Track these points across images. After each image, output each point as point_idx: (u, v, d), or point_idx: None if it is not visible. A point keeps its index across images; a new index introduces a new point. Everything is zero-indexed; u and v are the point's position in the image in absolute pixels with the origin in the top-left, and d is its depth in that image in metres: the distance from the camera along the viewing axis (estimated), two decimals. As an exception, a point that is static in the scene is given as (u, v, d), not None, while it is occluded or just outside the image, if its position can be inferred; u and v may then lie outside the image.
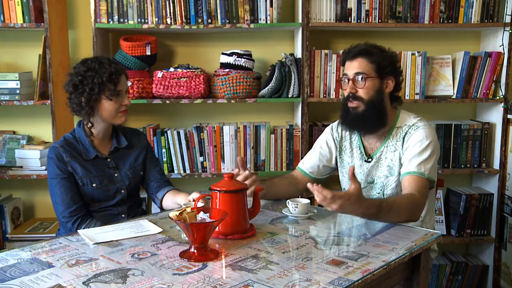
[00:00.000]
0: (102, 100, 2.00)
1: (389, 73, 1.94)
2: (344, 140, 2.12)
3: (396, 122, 2.01)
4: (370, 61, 1.92)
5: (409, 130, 1.96)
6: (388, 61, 1.94)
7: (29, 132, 3.06)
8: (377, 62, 1.92)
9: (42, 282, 1.31)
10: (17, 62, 3.02)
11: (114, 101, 2.01)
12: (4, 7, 2.69)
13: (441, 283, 3.04)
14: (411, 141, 1.93)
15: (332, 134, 2.16)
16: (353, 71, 1.93)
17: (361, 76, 1.91)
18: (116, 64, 2.04)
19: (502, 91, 2.86)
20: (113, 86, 1.99)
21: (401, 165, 1.95)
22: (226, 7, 2.74)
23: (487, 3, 2.80)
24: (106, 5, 2.73)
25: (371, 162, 2.02)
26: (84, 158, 2.04)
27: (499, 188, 2.93)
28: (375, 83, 1.93)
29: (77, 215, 1.99)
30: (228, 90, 2.77)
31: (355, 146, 2.09)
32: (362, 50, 1.93)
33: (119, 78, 2.01)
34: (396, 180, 1.97)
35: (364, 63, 1.92)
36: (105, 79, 1.96)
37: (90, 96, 1.97)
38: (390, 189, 2.00)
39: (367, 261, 1.44)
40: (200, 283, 1.29)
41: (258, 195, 1.77)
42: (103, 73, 1.97)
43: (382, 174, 2.01)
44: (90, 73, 1.97)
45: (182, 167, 2.87)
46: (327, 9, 2.77)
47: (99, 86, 1.96)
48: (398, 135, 1.99)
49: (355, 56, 1.94)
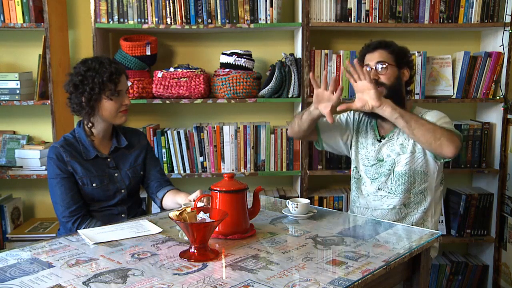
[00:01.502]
0: (103, 100, 2.00)
1: (405, 63, 2.13)
2: (362, 124, 2.24)
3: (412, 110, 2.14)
4: (389, 52, 2.10)
5: (423, 115, 2.10)
6: (403, 53, 2.15)
7: (29, 132, 3.06)
8: (396, 52, 2.11)
9: (42, 282, 1.31)
10: (17, 62, 3.02)
11: (114, 101, 2.01)
12: (4, 7, 2.69)
13: (441, 283, 3.04)
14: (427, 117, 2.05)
15: (351, 116, 2.29)
16: (374, 60, 2.10)
17: (383, 64, 2.07)
18: (116, 64, 2.04)
19: (502, 91, 2.86)
20: (113, 86, 1.99)
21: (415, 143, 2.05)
22: (226, 7, 2.75)
23: (487, 3, 2.80)
24: (106, 5, 2.73)
25: (383, 142, 2.14)
26: (84, 158, 2.04)
27: (499, 188, 2.93)
28: (394, 71, 2.09)
29: (77, 215, 1.99)
30: (228, 90, 2.77)
31: (369, 128, 2.20)
32: (382, 42, 2.13)
33: (119, 78, 2.01)
34: (408, 157, 2.06)
35: (384, 53, 2.10)
36: (105, 79, 1.97)
37: (90, 96, 1.97)
38: (400, 166, 2.07)
39: (367, 261, 1.44)
40: (200, 283, 1.29)
41: (258, 195, 1.77)
42: (103, 73, 1.97)
43: (393, 152, 2.10)
44: (90, 73, 1.97)
45: (182, 167, 2.87)
46: (327, 9, 2.77)
47: (99, 86, 1.96)
48: None
49: (375, 48, 2.12)
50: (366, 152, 2.18)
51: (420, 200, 2.10)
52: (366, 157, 2.18)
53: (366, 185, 2.18)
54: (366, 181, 2.18)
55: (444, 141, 1.90)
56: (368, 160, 2.16)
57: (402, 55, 2.13)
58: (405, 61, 2.14)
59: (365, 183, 2.18)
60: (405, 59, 2.14)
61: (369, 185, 2.16)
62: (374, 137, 2.18)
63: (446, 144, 1.89)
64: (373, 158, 2.15)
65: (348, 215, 2.01)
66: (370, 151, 2.16)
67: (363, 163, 2.19)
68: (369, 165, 2.16)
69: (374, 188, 2.14)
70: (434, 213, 2.14)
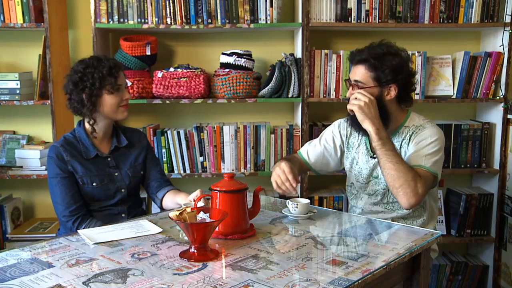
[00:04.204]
0: (104, 95, 2.00)
1: (389, 81, 1.92)
2: (353, 136, 2.14)
3: (405, 121, 2.03)
4: (369, 70, 1.92)
5: (415, 130, 1.99)
6: (390, 69, 1.91)
7: (29, 132, 3.06)
8: (377, 71, 1.92)
9: (42, 282, 1.31)
10: (17, 62, 3.02)
11: (115, 95, 2.01)
12: (4, 7, 2.69)
13: (441, 283, 3.04)
14: (416, 139, 1.96)
15: (339, 130, 2.18)
16: (353, 78, 1.97)
17: (360, 85, 1.94)
18: (114, 60, 2.06)
19: (502, 91, 2.86)
20: (113, 80, 2.00)
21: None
22: (226, 7, 2.74)
23: (487, 3, 2.80)
24: (106, 5, 2.73)
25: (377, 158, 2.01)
26: (84, 157, 2.04)
27: (499, 188, 2.93)
28: (373, 91, 1.93)
29: (77, 215, 1.99)
30: (228, 90, 2.77)
31: (362, 143, 2.11)
32: (362, 59, 1.94)
33: (118, 72, 2.02)
34: None
35: (363, 72, 1.93)
36: (105, 73, 1.97)
37: (91, 92, 1.97)
38: None
39: (367, 261, 1.44)
40: (200, 283, 1.29)
41: (258, 195, 1.77)
42: (102, 68, 1.98)
43: None
44: (89, 70, 1.98)
45: (182, 167, 2.87)
46: (327, 9, 2.77)
47: (100, 81, 1.97)
48: (405, 133, 2.01)
49: (357, 63, 1.96)
50: (359, 169, 2.09)
51: (420, 213, 2.05)
52: (360, 173, 2.09)
53: (363, 200, 2.12)
54: (363, 197, 2.12)
55: (400, 194, 1.82)
56: (363, 177, 2.08)
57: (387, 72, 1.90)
58: (391, 79, 1.91)
59: (362, 198, 2.12)
60: (390, 76, 1.91)
61: (366, 200, 2.10)
62: (367, 153, 2.07)
63: (401, 196, 1.82)
64: (368, 176, 2.07)
65: (348, 215, 2.00)
66: (364, 169, 2.07)
67: (357, 179, 2.11)
68: (364, 182, 2.09)
69: (371, 203, 2.09)
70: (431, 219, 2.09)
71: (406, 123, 2.03)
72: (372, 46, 1.98)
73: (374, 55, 1.92)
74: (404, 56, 1.98)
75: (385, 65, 1.91)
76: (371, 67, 1.92)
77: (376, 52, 1.94)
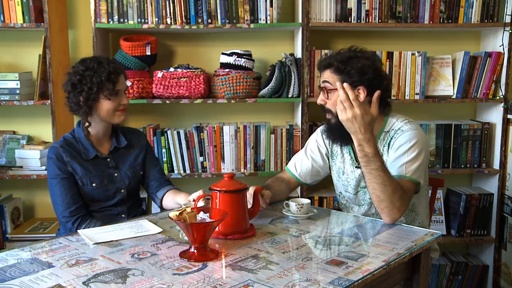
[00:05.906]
0: (101, 100, 2.00)
1: (356, 83, 1.84)
2: (336, 145, 2.09)
3: (384, 127, 1.97)
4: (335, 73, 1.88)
5: (394, 134, 1.92)
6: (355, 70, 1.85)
7: (29, 132, 3.06)
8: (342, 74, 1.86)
9: (42, 282, 1.31)
10: (17, 62, 3.02)
11: (112, 101, 2.01)
12: (4, 7, 2.69)
13: (441, 283, 3.04)
14: (395, 145, 1.90)
15: (323, 137, 2.14)
16: (321, 82, 1.92)
17: (327, 86, 1.89)
18: (114, 64, 2.04)
19: (502, 91, 2.86)
20: (111, 86, 1.99)
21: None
22: (226, 7, 2.74)
23: (487, 3, 2.80)
24: (106, 5, 2.73)
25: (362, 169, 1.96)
26: (84, 158, 2.04)
27: (499, 188, 2.93)
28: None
29: (77, 215, 1.99)
30: (228, 90, 2.77)
31: (345, 152, 2.07)
32: (328, 63, 1.90)
33: (117, 77, 2.01)
34: None
35: (329, 75, 1.89)
36: (103, 79, 1.97)
37: (88, 95, 1.97)
38: None
39: (367, 261, 1.44)
40: (200, 283, 1.29)
41: (258, 195, 1.77)
42: (101, 73, 1.97)
43: None
44: (88, 73, 1.97)
45: (182, 167, 2.87)
46: (327, 9, 2.77)
47: (97, 86, 1.96)
48: (385, 140, 1.95)
49: (324, 68, 1.92)
50: (347, 178, 2.05)
51: (413, 218, 2.02)
52: (348, 184, 2.05)
53: (354, 210, 2.10)
54: (353, 207, 2.10)
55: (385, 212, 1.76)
56: (352, 187, 2.04)
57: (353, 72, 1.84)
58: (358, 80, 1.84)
59: (353, 208, 2.10)
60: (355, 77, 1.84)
61: (357, 210, 2.08)
62: (352, 163, 2.02)
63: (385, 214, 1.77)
64: (355, 186, 2.03)
65: (348, 215, 2.00)
66: (351, 179, 2.03)
67: (346, 190, 2.08)
68: (353, 193, 2.05)
69: (361, 212, 2.05)
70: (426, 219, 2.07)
71: (385, 128, 1.97)
72: (338, 52, 1.94)
73: (340, 59, 1.89)
74: (371, 58, 1.91)
75: (350, 66, 1.86)
76: (337, 71, 1.87)
77: (341, 56, 1.90)
